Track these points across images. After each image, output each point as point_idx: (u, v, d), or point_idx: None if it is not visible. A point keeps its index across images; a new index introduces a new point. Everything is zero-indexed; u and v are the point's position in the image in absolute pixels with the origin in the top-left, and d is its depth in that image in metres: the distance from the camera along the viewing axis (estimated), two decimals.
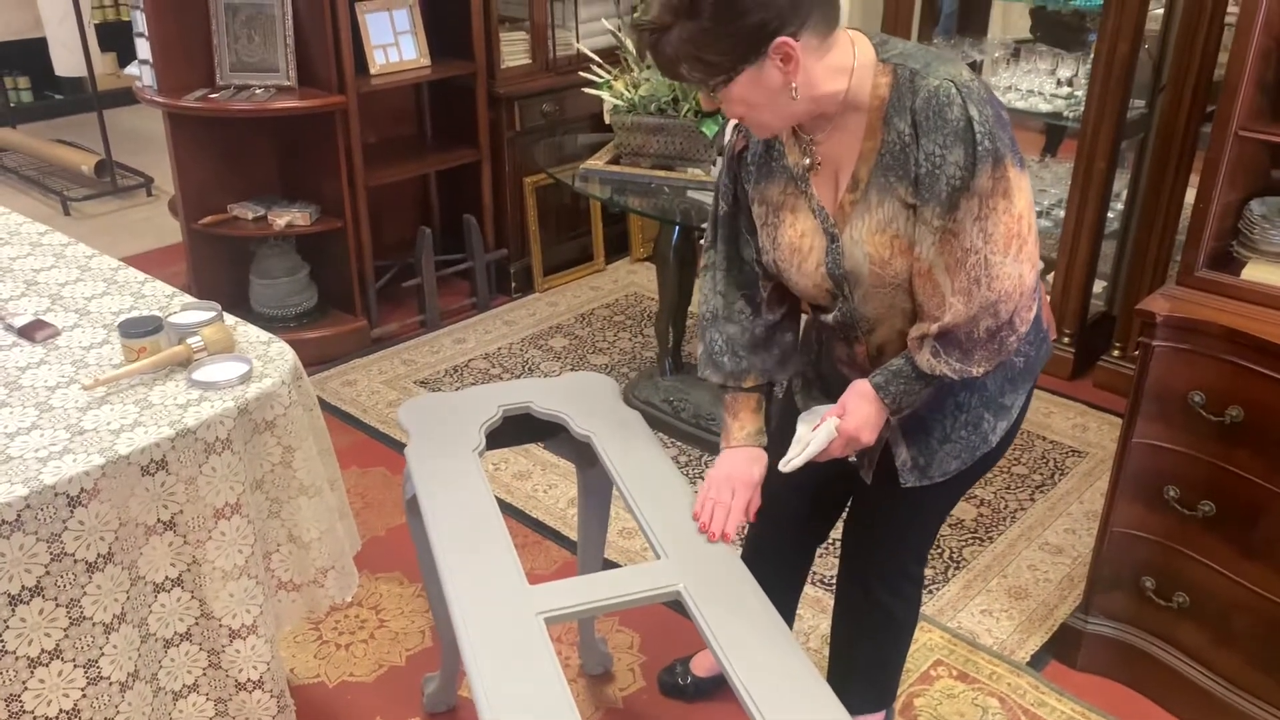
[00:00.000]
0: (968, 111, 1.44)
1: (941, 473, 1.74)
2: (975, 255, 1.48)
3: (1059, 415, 3.50)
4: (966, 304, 1.50)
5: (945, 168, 1.46)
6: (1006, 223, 1.47)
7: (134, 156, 5.87)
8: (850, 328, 1.69)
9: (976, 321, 1.51)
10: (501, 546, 1.62)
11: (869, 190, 1.54)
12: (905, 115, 1.49)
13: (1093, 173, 3.51)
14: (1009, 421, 1.75)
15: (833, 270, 1.61)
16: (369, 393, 3.64)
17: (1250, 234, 2.20)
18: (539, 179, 4.29)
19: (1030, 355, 1.73)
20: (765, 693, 1.35)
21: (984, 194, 1.45)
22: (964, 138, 1.44)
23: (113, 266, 2.41)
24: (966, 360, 1.55)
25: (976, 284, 1.49)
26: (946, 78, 1.46)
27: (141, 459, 1.72)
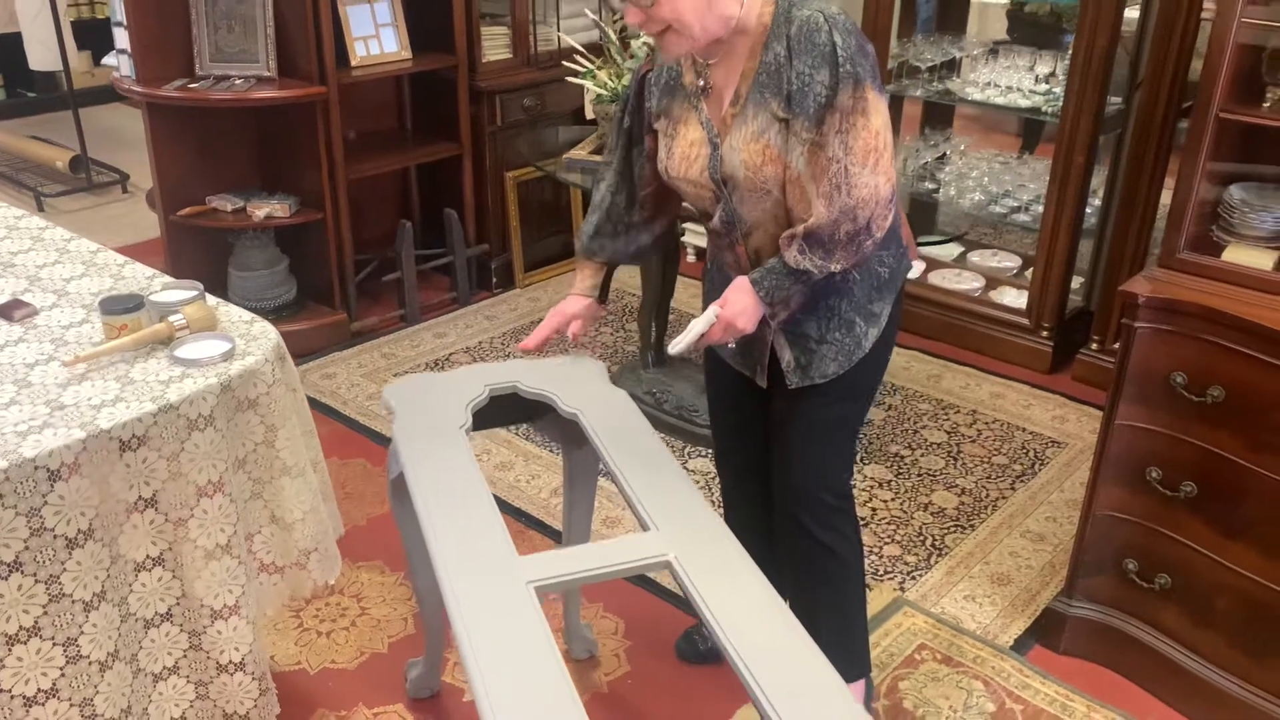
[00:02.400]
0: (833, 38, 1.68)
1: (821, 374, 1.93)
2: (837, 164, 1.71)
3: (1038, 407, 3.52)
4: (828, 208, 1.72)
5: (813, 86, 1.70)
6: (865, 138, 1.70)
7: (109, 153, 5.82)
8: (731, 228, 1.90)
9: (837, 224, 1.73)
10: (490, 519, 1.60)
11: (746, 105, 1.78)
12: (782, 40, 1.73)
13: (1071, 167, 3.54)
14: (878, 329, 1.95)
15: (714, 174, 1.84)
16: (348, 385, 3.61)
17: (1230, 218, 2.22)
18: (520, 174, 4.28)
19: (892, 266, 1.95)
20: (759, 659, 1.35)
21: (845, 110, 1.69)
22: (829, 60, 1.68)
23: (91, 249, 2.38)
24: (828, 258, 1.76)
25: (838, 190, 1.71)
26: (818, 9, 1.72)
27: (123, 434, 1.70)
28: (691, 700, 2.30)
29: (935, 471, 3.15)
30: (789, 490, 2.07)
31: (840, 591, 2.09)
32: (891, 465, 3.17)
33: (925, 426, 3.39)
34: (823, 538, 2.05)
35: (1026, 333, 3.78)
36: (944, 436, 3.33)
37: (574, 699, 1.30)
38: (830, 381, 1.95)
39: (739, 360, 2.09)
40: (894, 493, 3.04)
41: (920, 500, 3.01)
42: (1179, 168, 2.16)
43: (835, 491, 2.07)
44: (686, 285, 4.18)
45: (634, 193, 2.06)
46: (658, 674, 2.37)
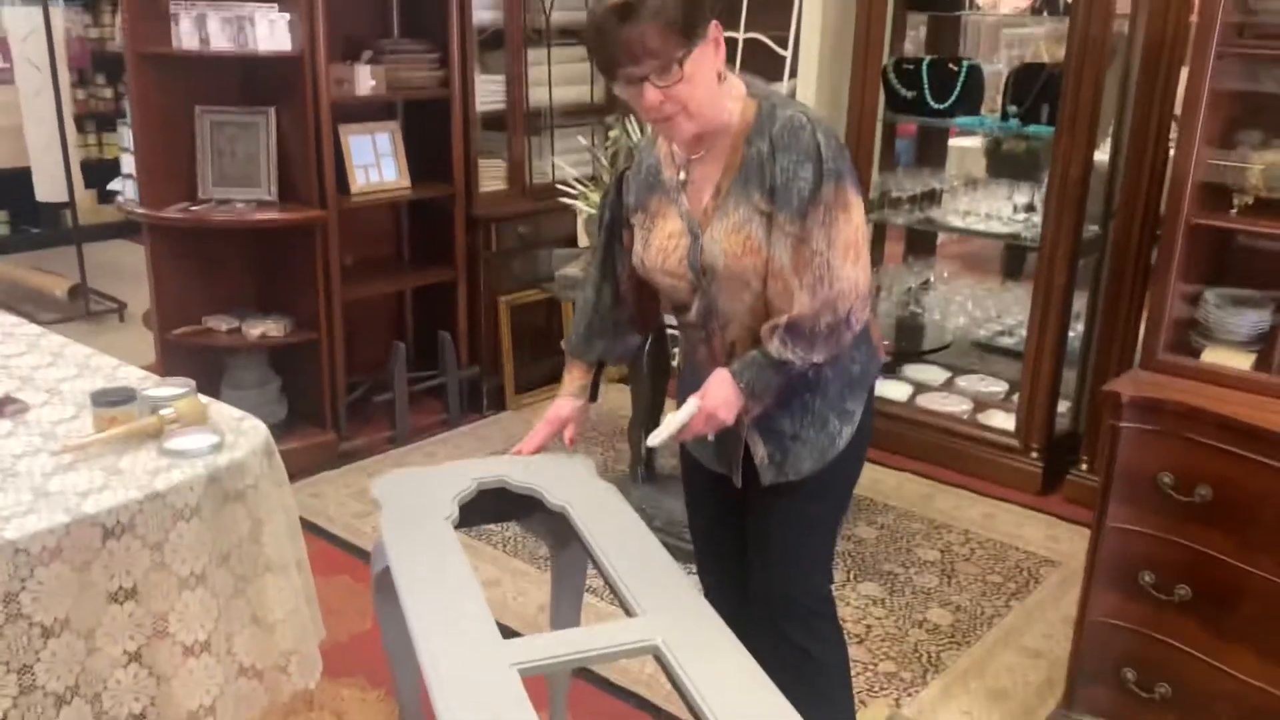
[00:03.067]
0: (816, 137, 1.76)
1: (796, 471, 1.94)
2: (820, 257, 1.76)
3: (1030, 526, 3.50)
4: (811, 299, 1.77)
5: (797, 181, 1.75)
6: (846, 232, 1.77)
7: (108, 284, 5.91)
8: (708, 319, 1.93)
9: (818, 316, 1.77)
10: (474, 605, 1.58)
11: (728, 198, 1.83)
12: (764, 137, 1.79)
13: (1053, 290, 3.62)
14: (853, 427, 1.96)
15: (693, 263, 1.88)
16: (335, 504, 3.59)
17: (1206, 322, 2.27)
18: (514, 297, 4.36)
19: (864, 364, 1.98)
20: None
21: (829, 204, 1.75)
22: (814, 157, 1.75)
23: (86, 353, 2.41)
24: (810, 349, 1.80)
25: (820, 282, 1.76)
26: (800, 110, 1.80)
27: (107, 520, 1.69)
28: None
29: (929, 589, 3.10)
30: (765, 594, 2.04)
31: (823, 695, 2.03)
32: (885, 583, 3.13)
33: (918, 545, 3.36)
34: (801, 642, 2.01)
35: (1016, 454, 3.79)
36: (937, 555, 3.30)
37: None
38: (805, 479, 1.95)
39: (714, 459, 2.07)
40: (888, 610, 2.99)
41: (915, 617, 2.96)
42: (1156, 273, 2.22)
43: (813, 595, 2.04)
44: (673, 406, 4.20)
45: (617, 289, 2.10)
46: None
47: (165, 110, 3.57)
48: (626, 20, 1.67)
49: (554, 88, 4.44)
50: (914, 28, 4.37)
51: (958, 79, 3.86)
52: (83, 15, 6.84)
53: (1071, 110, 3.44)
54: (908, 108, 3.93)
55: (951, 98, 3.87)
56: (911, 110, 3.94)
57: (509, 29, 4.19)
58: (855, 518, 3.51)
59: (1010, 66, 4.20)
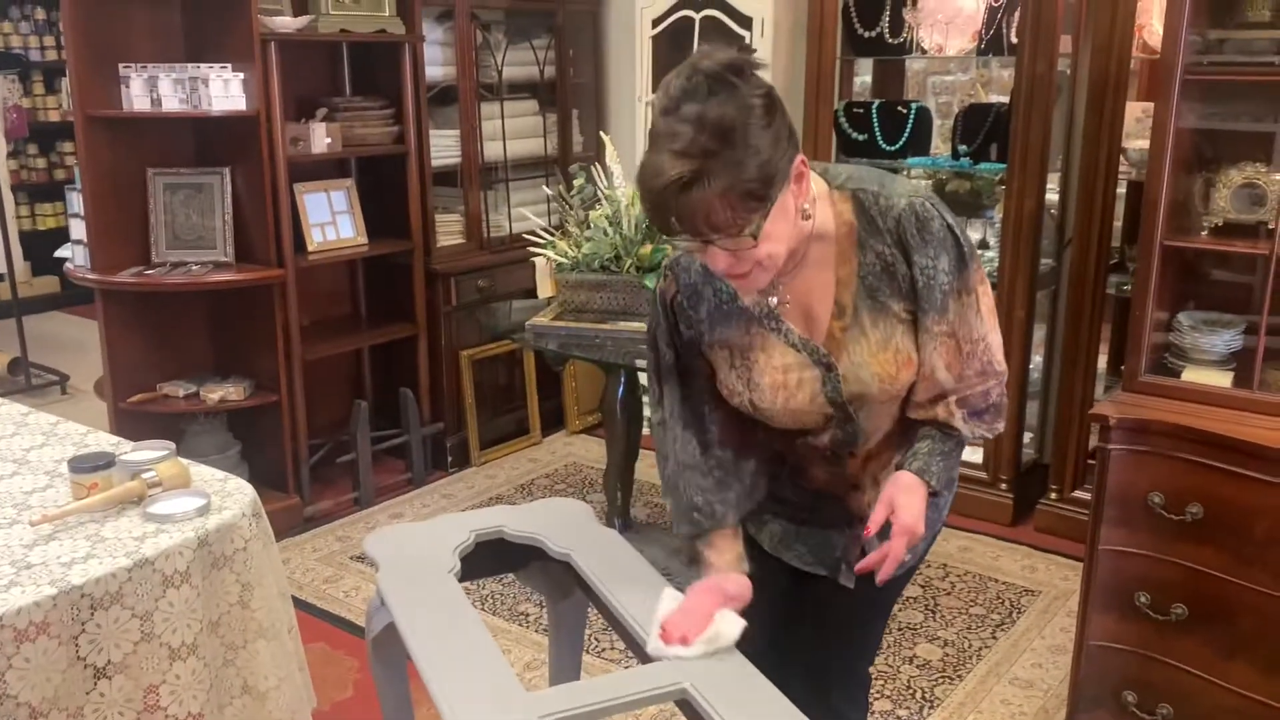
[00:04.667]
0: (945, 221, 1.53)
1: (914, 555, 1.72)
2: (981, 343, 1.58)
3: (1006, 558, 3.51)
4: (983, 382, 1.59)
5: (938, 276, 1.53)
6: (987, 302, 1.59)
7: (49, 357, 5.73)
8: (847, 445, 1.66)
9: (990, 391, 1.60)
10: (492, 658, 1.53)
11: (859, 313, 1.57)
12: (881, 236, 1.54)
13: (1013, 322, 3.67)
14: (952, 494, 1.79)
15: (833, 397, 1.60)
16: (303, 569, 3.48)
17: (1181, 344, 2.32)
18: (475, 352, 4.32)
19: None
20: None
21: (973, 287, 1.56)
22: (949, 245, 1.53)
23: (51, 421, 2.32)
24: (994, 421, 1.63)
25: (989, 366, 1.59)
26: (910, 195, 1.54)
27: (95, 590, 1.61)
28: None
29: (915, 625, 3.09)
30: (827, 668, 1.89)
31: None
32: None
33: None
34: (841, 708, 1.91)
35: (986, 486, 3.82)
36: (919, 590, 3.29)
37: None
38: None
39: (813, 564, 1.79)
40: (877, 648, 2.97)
41: (904, 654, 2.94)
42: (1133, 295, 2.26)
43: (870, 663, 1.97)
44: (646, 455, 4.18)
45: (706, 431, 1.71)
46: None
47: (116, 173, 3.49)
48: (690, 191, 1.37)
49: (508, 141, 4.45)
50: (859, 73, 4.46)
51: (907, 120, 3.94)
52: (15, 84, 6.71)
53: (1022, 147, 3.52)
54: (860, 150, 3.99)
55: (902, 139, 3.94)
56: (863, 153, 4.00)
57: (461, 84, 4.19)
58: None
59: (951, 108, 4.30)
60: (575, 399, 4.68)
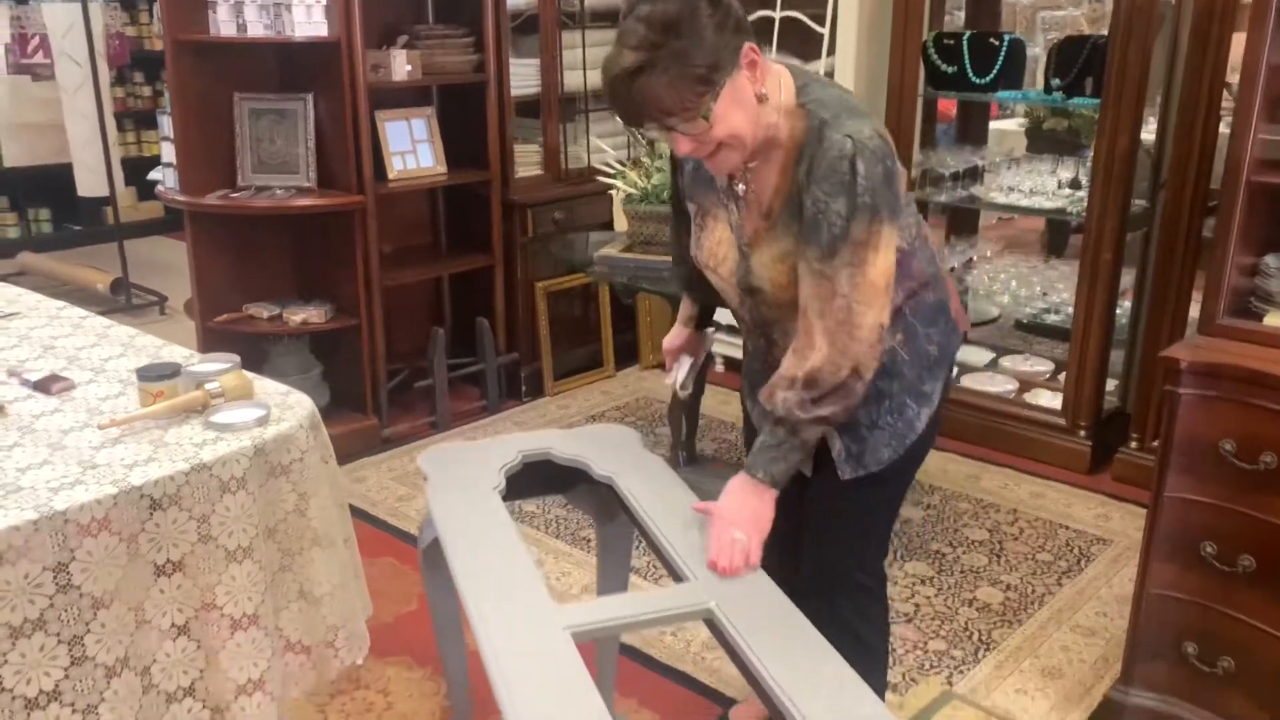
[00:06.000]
0: (856, 167, 1.58)
1: (875, 461, 1.84)
2: (842, 299, 1.63)
3: (1080, 505, 3.43)
4: (830, 347, 1.65)
5: (829, 214, 1.60)
6: (872, 275, 1.62)
7: (150, 279, 5.96)
8: (762, 328, 1.87)
9: (838, 368, 1.65)
10: (526, 571, 1.56)
11: (776, 223, 1.72)
12: (807, 161, 1.64)
13: (1099, 265, 3.54)
14: (931, 409, 1.87)
15: (740, 281, 1.80)
16: (378, 488, 3.59)
17: (1267, 286, 2.21)
18: (550, 284, 4.34)
19: (941, 344, 1.87)
20: (809, 701, 1.28)
21: (858, 243, 1.61)
22: (851, 192, 1.59)
23: (130, 334, 2.41)
24: (821, 405, 1.68)
25: (840, 327, 1.64)
26: (849, 133, 1.60)
27: (154, 491, 1.68)
28: None
29: (978, 568, 3.05)
30: (822, 569, 1.98)
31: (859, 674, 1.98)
32: (933, 563, 3.08)
33: (966, 525, 3.30)
34: (852, 621, 1.96)
35: (1063, 433, 3.72)
36: (985, 534, 3.24)
37: None
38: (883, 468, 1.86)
39: None
40: (937, 589, 2.94)
41: (964, 596, 2.91)
42: (1215, 236, 2.16)
43: (870, 572, 2.00)
44: (714, 391, 4.18)
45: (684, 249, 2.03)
46: None
47: (204, 98, 3.58)
48: (638, 79, 1.54)
49: (588, 71, 4.42)
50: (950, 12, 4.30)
51: (999, 53, 3.79)
52: (120, 13, 6.90)
53: (1118, 81, 3.37)
54: (948, 83, 3.87)
55: (993, 72, 3.80)
56: (952, 86, 3.88)
57: (542, 13, 4.17)
58: None
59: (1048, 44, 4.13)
60: (649, 333, 4.69)
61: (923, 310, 1.83)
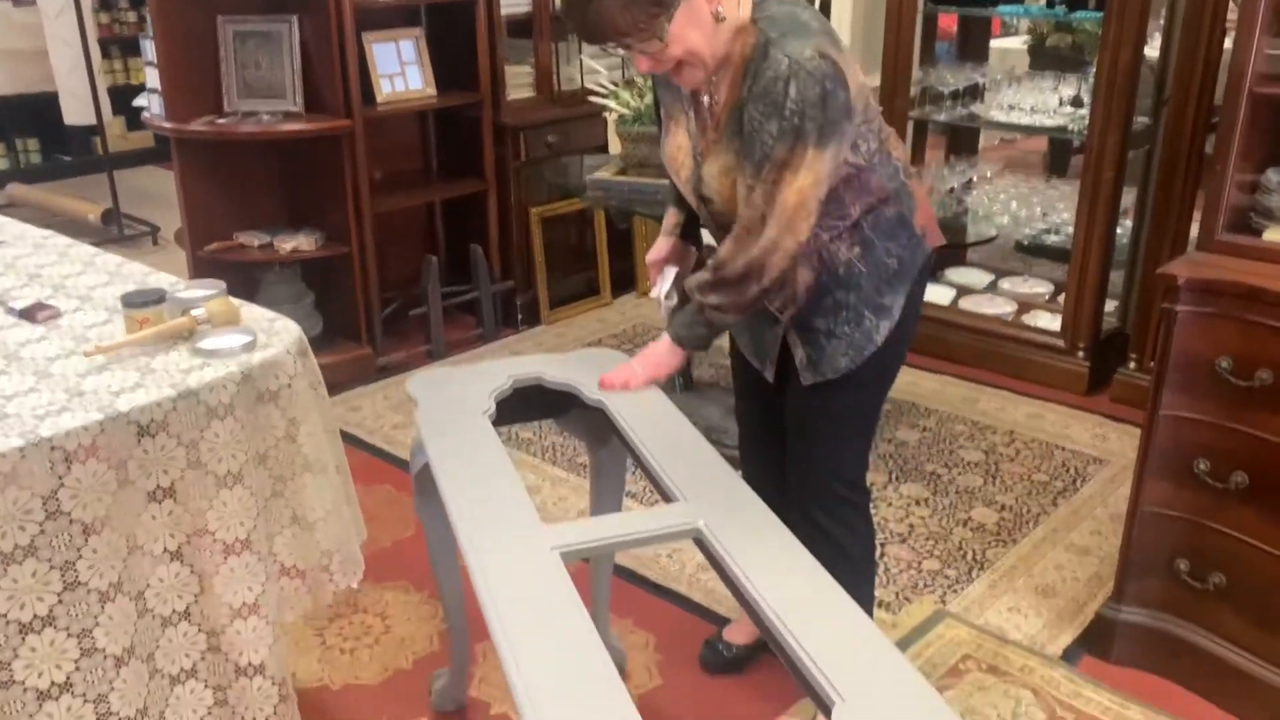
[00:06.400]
0: (789, 89, 1.62)
1: (833, 369, 1.90)
2: (755, 211, 1.71)
3: (1077, 426, 3.43)
4: (734, 244, 1.75)
5: (761, 134, 1.67)
6: (785, 194, 1.68)
7: (141, 209, 5.90)
8: (720, 233, 1.90)
9: (735, 262, 1.75)
10: (514, 492, 1.56)
11: (723, 136, 1.77)
12: (750, 78, 1.68)
13: (1100, 184, 3.50)
14: (891, 322, 1.90)
15: (696, 189, 1.87)
16: (374, 416, 3.59)
17: (1267, 202, 2.17)
18: (545, 210, 4.30)
19: (902, 257, 1.89)
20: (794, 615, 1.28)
21: (778, 163, 1.67)
22: (779, 111, 1.64)
23: (117, 262, 2.38)
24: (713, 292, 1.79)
25: (747, 234, 1.73)
26: (788, 53, 1.64)
27: (141, 418, 1.67)
28: (726, 711, 2.21)
29: (973, 489, 3.06)
30: (801, 479, 2.04)
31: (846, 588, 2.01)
32: (929, 484, 3.09)
33: (962, 447, 3.31)
34: (830, 529, 2.01)
35: (1062, 354, 3.71)
36: (981, 456, 3.25)
37: (603, 655, 1.23)
38: (842, 376, 1.92)
39: (752, 355, 2.07)
40: (931, 510, 2.95)
41: (959, 516, 2.92)
42: (1215, 147, 2.12)
43: (846, 482, 2.03)
44: None
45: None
46: (690, 687, 2.28)
47: (188, 21, 3.50)
48: (593, 2, 1.60)
49: None
50: None
51: None
52: None
53: None
54: None
55: None
56: (953, 0, 3.79)
57: None
58: (896, 421, 3.46)
59: None
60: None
61: (882, 224, 1.86)
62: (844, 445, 2.01)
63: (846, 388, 1.94)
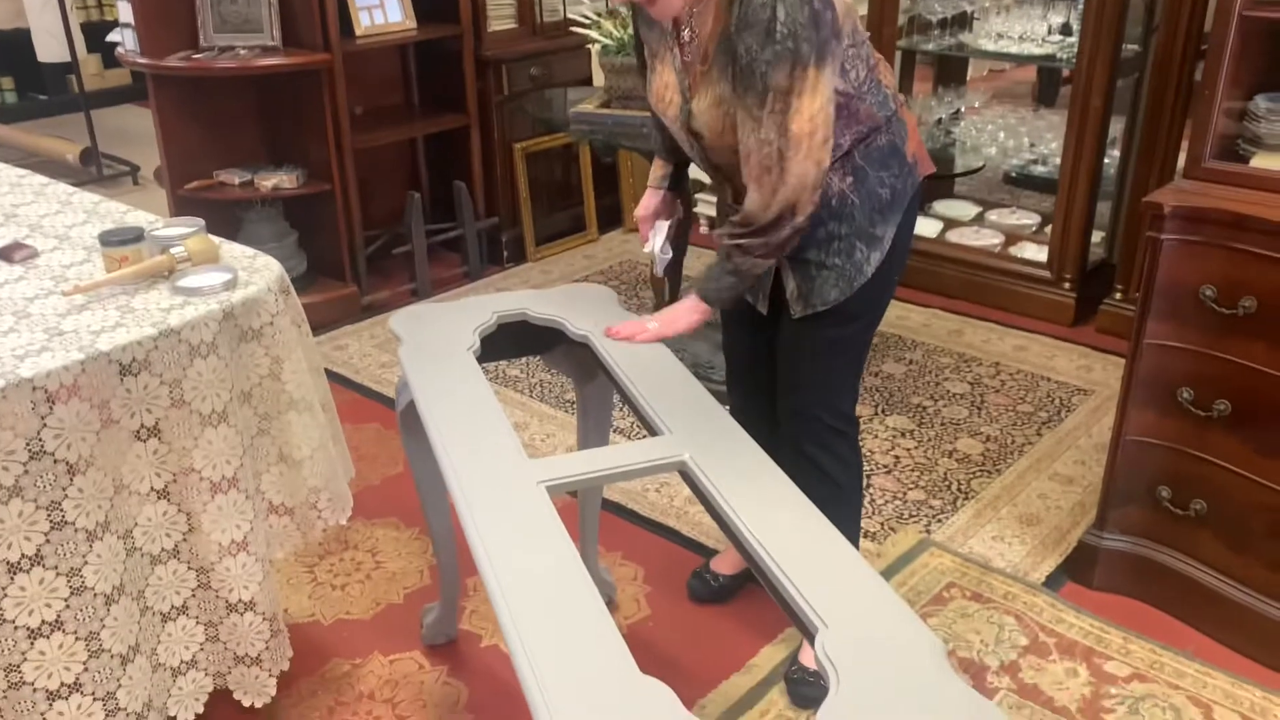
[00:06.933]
0: (777, 13, 1.58)
1: (822, 301, 1.89)
2: (769, 147, 1.66)
3: (1063, 357, 3.45)
4: (758, 190, 1.70)
5: (757, 63, 1.62)
6: (799, 122, 1.64)
7: (120, 149, 5.82)
8: (712, 170, 1.92)
9: (766, 209, 1.70)
10: (500, 428, 1.55)
11: (712, 68, 1.72)
12: (738, 5, 1.63)
13: (1089, 113, 3.47)
14: (882, 253, 1.88)
15: (686, 124, 1.83)
16: (360, 355, 3.58)
17: (1256, 128, 2.16)
18: (529, 145, 4.25)
19: (894, 186, 1.87)
20: (779, 546, 1.29)
21: (781, 90, 1.62)
22: (770, 37, 1.60)
23: (94, 200, 2.35)
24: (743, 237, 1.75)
25: (768, 173, 1.68)
26: None
27: (122, 357, 1.66)
28: (714, 640, 2.24)
29: (959, 420, 3.08)
30: (790, 412, 2.04)
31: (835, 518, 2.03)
32: (914, 416, 3.10)
33: (947, 379, 3.32)
34: (820, 460, 2.02)
35: (1048, 286, 3.71)
36: (967, 388, 3.26)
37: (589, 585, 1.24)
38: (832, 308, 1.91)
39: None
40: (917, 441, 2.97)
41: (944, 448, 2.94)
42: (1204, 71, 2.10)
43: (835, 412, 2.03)
44: (698, 253, 4.13)
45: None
46: (679, 617, 2.31)
47: None
48: None
49: None
50: None
51: None
52: None
53: None
54: None
55: None
56: None
57: None
58: (883, 354, 3.47)
59: None
60: (632, 194, 4.61)
61: (874, 153, 1.84)
62: (834, 378, 2.00)
63: (836, 320, 1.93)
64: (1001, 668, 2.13)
